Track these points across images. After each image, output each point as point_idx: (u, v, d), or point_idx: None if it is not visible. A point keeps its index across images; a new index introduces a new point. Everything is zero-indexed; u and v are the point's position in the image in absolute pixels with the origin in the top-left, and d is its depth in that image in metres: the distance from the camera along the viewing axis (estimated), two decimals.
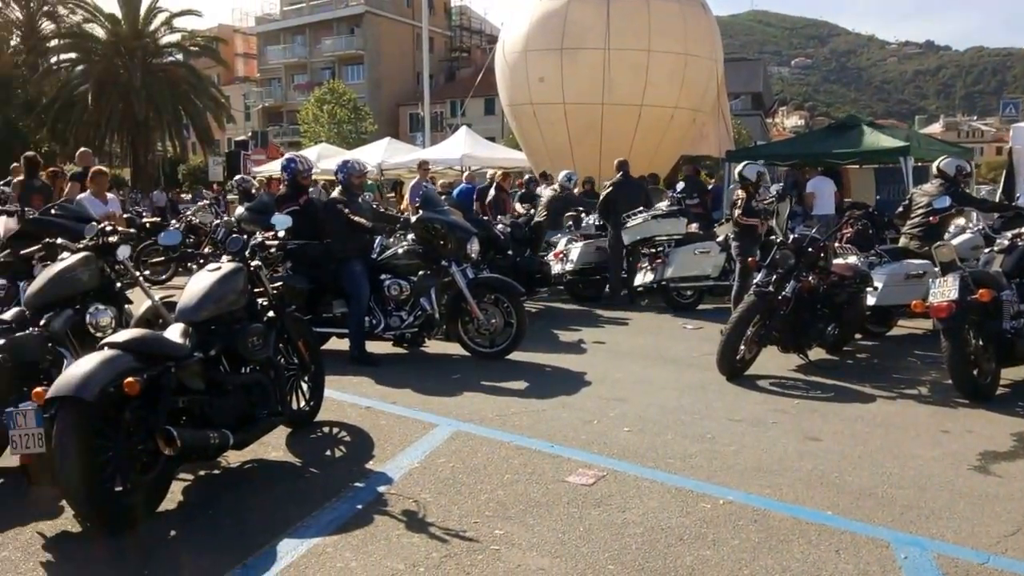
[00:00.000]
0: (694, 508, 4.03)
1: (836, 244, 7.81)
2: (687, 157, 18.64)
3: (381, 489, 4.25)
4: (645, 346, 8.22)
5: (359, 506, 4.04)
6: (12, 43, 41.75)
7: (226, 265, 4.74)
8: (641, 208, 10.74)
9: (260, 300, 4.94)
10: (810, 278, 6.86)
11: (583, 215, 11.68)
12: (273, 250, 5.36)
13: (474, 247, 7.54)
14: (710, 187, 15.57)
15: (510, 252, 9.62)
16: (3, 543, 3.62)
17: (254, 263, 4.95)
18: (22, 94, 38.21)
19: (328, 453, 4.95)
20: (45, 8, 41.72)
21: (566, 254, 10.87)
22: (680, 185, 13.75)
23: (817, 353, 7.24)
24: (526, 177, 16.12)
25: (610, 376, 6.80)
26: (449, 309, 7.47)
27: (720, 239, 10.38)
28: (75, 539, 3.70)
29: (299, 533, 3.70)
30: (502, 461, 4.69)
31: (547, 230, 11.20)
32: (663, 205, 10.99)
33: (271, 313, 4.95)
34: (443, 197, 10.36)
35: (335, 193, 7.72)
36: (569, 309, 10.69)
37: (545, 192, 12.27)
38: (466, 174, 15.64)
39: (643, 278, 10.39)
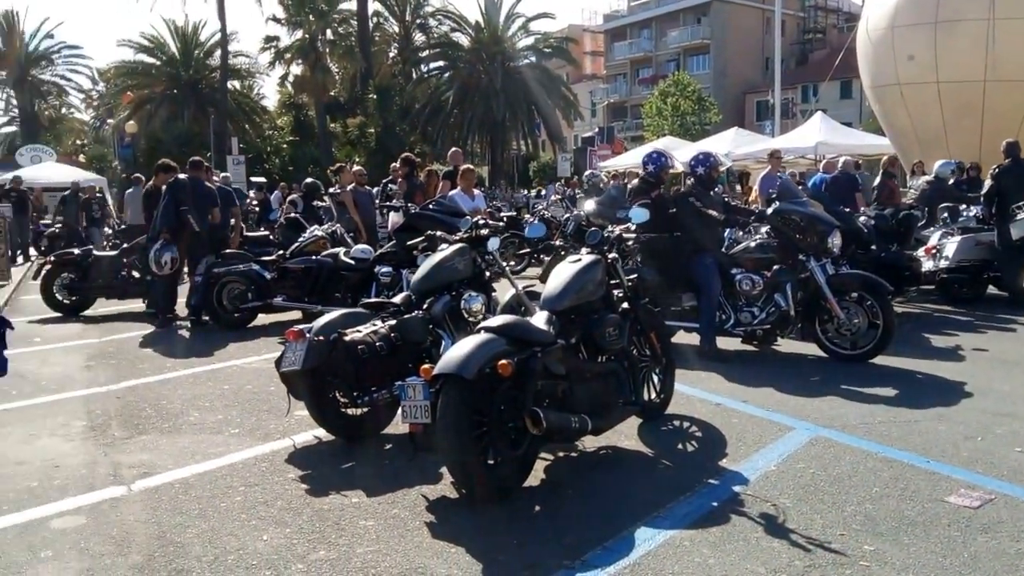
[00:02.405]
0: None
1: None
2: None
3: (736, 489, 4.15)
4: None
5: (714, 503, 3.97)
6: (390, 55, 47.32)
7: (586, 257, 4.90)
8: None
9: (616, 292, 5.05)
10: None
11: (961, 207, 10.47)
12: (629, 243, 5.45)
13: (835, 241, 7.08)
14: None
15: (874, 247, 8.90)
16: (394, 501, 4.07)
17: (611, 255, 5.07)
18: (399, 101, 43.09)
19: (680, 447, 4.94)
20: (418, 21, 46.66)
21: (939, 250, 9.79)
22: None
23: None
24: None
25: (995, 388, 6.02)
26: (806, 306, 7.09)
27: None
28: (453, 504, 4.05)
29: (655, 523, 3.73)
30: (869, 472, 4.35)
31: (920, 224, 10.19)
32: None
33: (625, 305, 5.04)
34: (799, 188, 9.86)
35: (688, 184, 7.68)
36: (943, 311, 9.64)
37: (917, 183, 11.20)
38: (823, 163, 14.77)
39: None
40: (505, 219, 15.06)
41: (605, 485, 4.28)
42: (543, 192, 23.61)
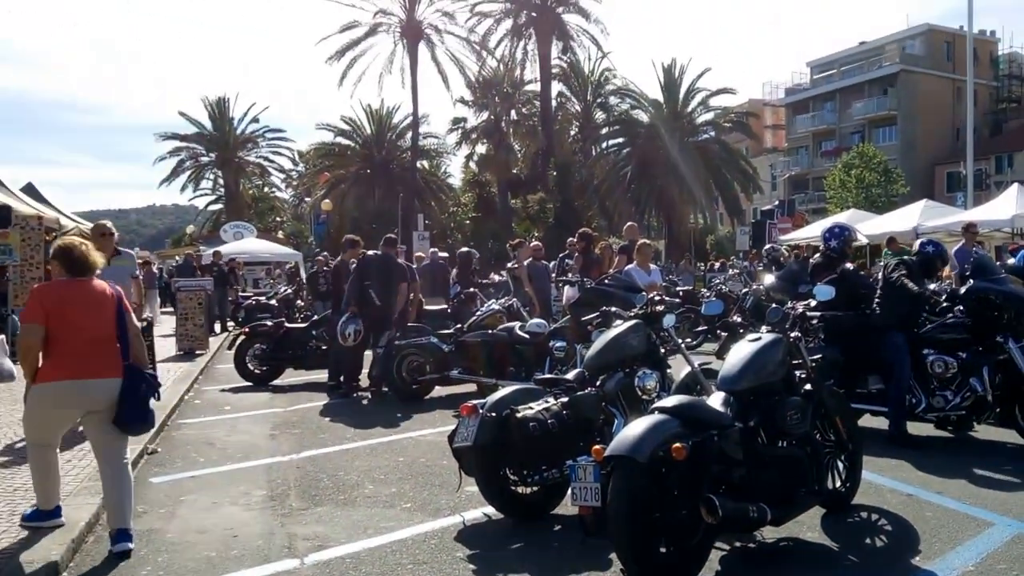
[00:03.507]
0: None
1: None
2: None
3: None
4: None
5: None
6: (571, 133, 48.58)
7: (766, 336, 4.74)
8: None
9: (798, 372, 4.84)
10: None
11: None
12: (812, 321, 5.25)
13: None
14: None
15: None
16: None
17: (793, 334, 4.89)
18: (578, 177, 44.00)
19: (867, 541, 4.62)
20: (599, 100, 47.76)
21: None
22: None
23: None
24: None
25: None
26: (1005, 391, 6.57)
27: None
28: None
29: None
30: None
31: None
32: None
33: (808, 386, 4.81)
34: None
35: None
36: None
37: None
38: None
39: None
40: (681, 294, 14.90)
41: None
42: (730, 264, 23.16)
